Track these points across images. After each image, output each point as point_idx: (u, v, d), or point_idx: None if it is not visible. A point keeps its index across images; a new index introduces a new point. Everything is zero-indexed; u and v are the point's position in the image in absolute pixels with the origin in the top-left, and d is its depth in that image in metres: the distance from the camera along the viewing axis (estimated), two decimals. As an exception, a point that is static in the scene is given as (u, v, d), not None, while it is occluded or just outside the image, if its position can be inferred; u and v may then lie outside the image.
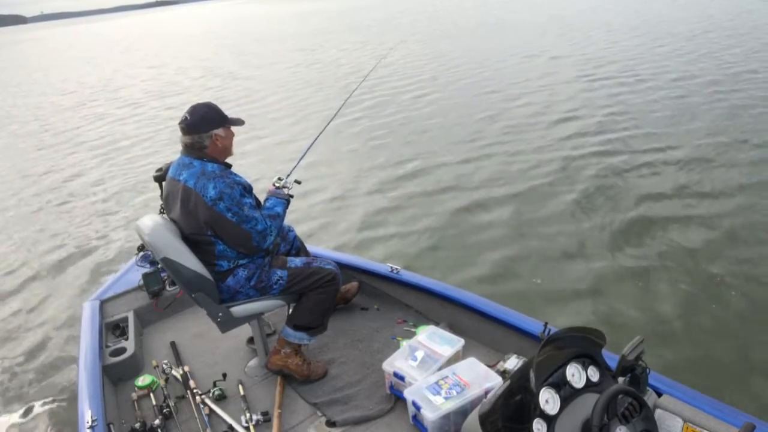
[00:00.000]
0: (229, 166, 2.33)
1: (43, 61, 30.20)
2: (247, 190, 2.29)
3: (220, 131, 2.25)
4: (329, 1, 67.66)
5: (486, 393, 2.08)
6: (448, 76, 12.25)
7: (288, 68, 16.09)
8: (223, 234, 2.23)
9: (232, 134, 2.32)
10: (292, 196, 2.49)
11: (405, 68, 13.76)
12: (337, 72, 14.27)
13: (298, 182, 2.59)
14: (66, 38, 55.11)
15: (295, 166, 2.68)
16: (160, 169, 2.83)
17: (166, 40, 34.50)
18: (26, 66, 28.58)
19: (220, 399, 2.45)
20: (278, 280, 2.37)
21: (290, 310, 2.50)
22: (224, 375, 2.54)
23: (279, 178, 2.50)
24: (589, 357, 1.66)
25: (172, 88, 14.83)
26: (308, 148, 2.87)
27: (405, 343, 2.50)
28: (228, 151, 2.32)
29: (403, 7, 40.58)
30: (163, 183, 2.50)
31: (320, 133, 2.99)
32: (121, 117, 11.86)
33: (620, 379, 1.69)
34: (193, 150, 2.26)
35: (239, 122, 2.33)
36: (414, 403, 2.09)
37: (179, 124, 2.24)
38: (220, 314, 2.31)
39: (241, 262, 2.33)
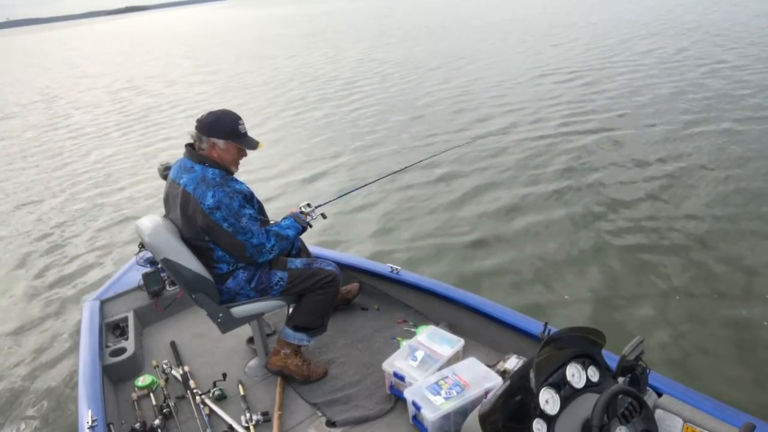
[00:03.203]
0: (230, 172, 2.30)
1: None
2: (248, 198, 2.27)
3: (220, 142, 2.21)
4: (303, 3, 68.38)
5: (486, 393, 2.08)
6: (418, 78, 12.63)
7: (236, 74, 16.21)
8: (219, 242, 2.23)
9: (236, 151, 2.26)
10: (310, 226, 2.50)
11: (360, 71, 14.24)
12: (281, 79, 14.31)
13: (324, 216, 2.61)
14: (25, 45, 55.11)
15: (328, 202, 2.72)
16: (167, 168, 2.82)
17: (123, 48, 34.23)
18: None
19: (220, 399, 2.45)
20: (278, 281, 2.37)
21: (290, 311, 2.50)
22: (224, 375, 2.53)
23: (308, 204, 2.52)
24: (589, 357, 1.66)
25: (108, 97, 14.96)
26: (349, 192, 3.00)
27: (405, 343, 2.50)
28: (225, 163, 2.26)
29: (372, 11, 41.38)
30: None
31: (365, 185, 3.17)
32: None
33: (620, 379, 1.69)
34: (195, 149, 2.26)
35: (249, 145, 2.27)
36: (414, 403, 2.09)
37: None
38: (221, 315, 2.31)
39: (240, 264, 2.33)
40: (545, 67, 11.97)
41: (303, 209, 2.50)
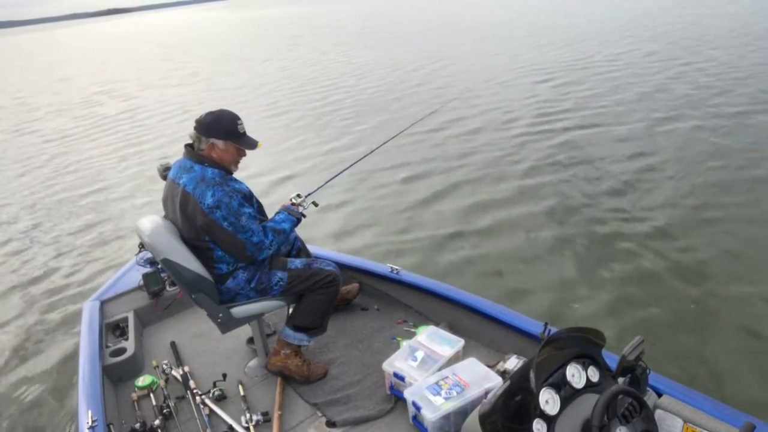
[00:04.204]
0: (230, 172, 2.31)
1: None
2: (247, 198, 2.28)
3: (219, 143, 2.22)
4: (283, 6, 68.75)
5: (486, 393, 2.08)
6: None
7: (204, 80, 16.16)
8: (219, 242, 2.23)
9: (235, 151, 2.27)
10: (304, 216, 2.48)
11: (337, 71, 14.47)
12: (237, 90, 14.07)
13: (315, 204, 2.57)
14: (4, 47, 54.77)
15: (317, 189, 2.68)
16: (167, 168, 2.81)
17: (103, 50, 33.95)
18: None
19: (220, 399, 2.45)
20: (278, 281, 2.37)
21: (290, 311, 2.50)
22: (224, 375, 2.54)
23: (298, 195, 2.50)
24: (589, 357, 1.66)
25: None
26: (335, 176, 2.90)
27: (405, 344, 2.50)
28: (224, 163, 2.26)
29: (355, 13, 41.62)
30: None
31: (350, 166, 3.05)
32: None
33: (620, 380, 1.69)
34: (193, 149, 2.26)
35: (248, 145, 2.28)
36: (414, 404, 2.09)
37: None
38: (221, 315, 2.31)
39: (240, 264, 2.33)
40: (523, 67, 12.19)
41: (294, 200, 2.48)
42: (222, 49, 25.32)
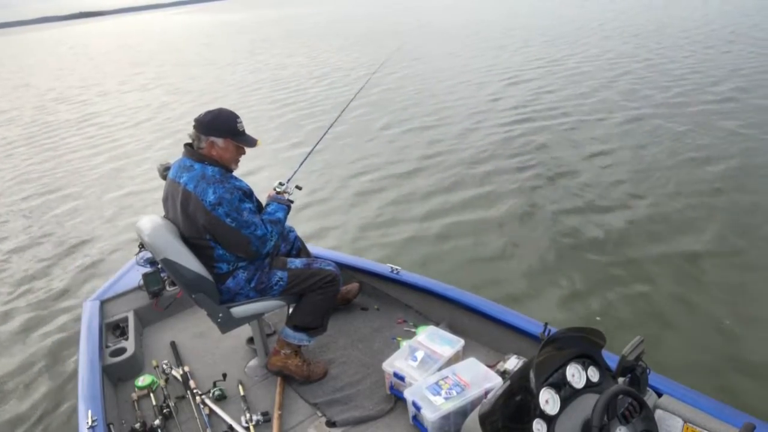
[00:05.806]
0: (230, 170, 2.32)
1: None
2: (247, 194, 2.29)
3: (219, 141, 2.22)
4: (256, 9, 69.22)
5: (486, 393, 2.08)
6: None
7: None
8: (222, 239, 2.23)
9: (234, 149, 2.28)
10: (292, 202, 2.49)
11: (301, 72, 14.85)
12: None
13: (299, 188, 2.58)
14: None
15: (295, 172, 2.68)
16: (167, 168, 2.81)
17: (73, 55, 33.33)
18: None
19: (220, 399, 2.45)
20: (278, 281, 2.37)
21: (290, 311, 2.50)
22: (224, 375, 2.54)
23: (280, 183, 2.50)
24: (589, 357, 1.66)
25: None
26: (307, 155, 2.89)
27: (405, 343, 2.50)
28: (224, 161, 2.27)
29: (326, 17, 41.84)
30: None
31: (319, 141, 3.04)
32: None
33: (620, 380, 1.69)
34: (193, 148, 2.26)
35: (248, 143, 2.29)
36: (414, 404, 2.09)
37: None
38: (221, 315, 2.31)
39: (240, 264, 2.33)
40: (495, 69, 12.45)
41: (277, 189, 2.48)
42: (191, 52, 25.42)
